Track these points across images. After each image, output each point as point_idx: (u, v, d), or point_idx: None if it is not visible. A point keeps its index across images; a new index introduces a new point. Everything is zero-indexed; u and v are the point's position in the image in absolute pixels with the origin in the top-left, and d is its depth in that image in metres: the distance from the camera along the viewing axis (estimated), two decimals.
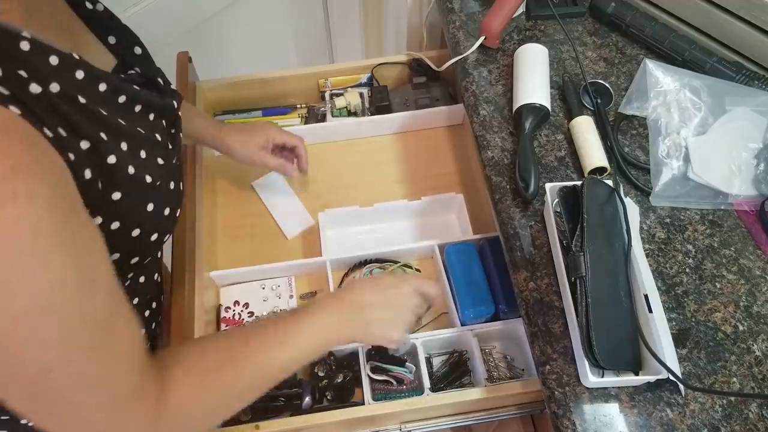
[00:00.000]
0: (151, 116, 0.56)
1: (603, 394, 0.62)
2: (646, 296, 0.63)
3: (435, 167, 1.02)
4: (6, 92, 0.36)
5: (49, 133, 0.39)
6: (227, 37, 1.35)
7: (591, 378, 0.59)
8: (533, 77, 0.82)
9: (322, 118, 1.06)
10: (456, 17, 0.96)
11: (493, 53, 0.91)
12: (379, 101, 1.04)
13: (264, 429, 0.72)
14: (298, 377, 0.82)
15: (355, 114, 1.06)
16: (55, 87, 0.41)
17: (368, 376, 0.78)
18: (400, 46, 1.37)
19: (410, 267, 0.92)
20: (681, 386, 0.62)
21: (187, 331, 0.77)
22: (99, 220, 0.46)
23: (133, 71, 0.57)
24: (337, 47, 1.60)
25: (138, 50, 0.59)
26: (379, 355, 0.79)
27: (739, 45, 0.82)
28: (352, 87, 1.08)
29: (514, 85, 0.84)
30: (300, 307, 0.62)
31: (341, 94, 1.06)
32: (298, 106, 1.09)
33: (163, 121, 0.58)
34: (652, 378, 0.61)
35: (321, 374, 0.81)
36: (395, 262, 0.92)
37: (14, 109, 0.36)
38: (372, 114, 1.05)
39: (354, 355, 0.82)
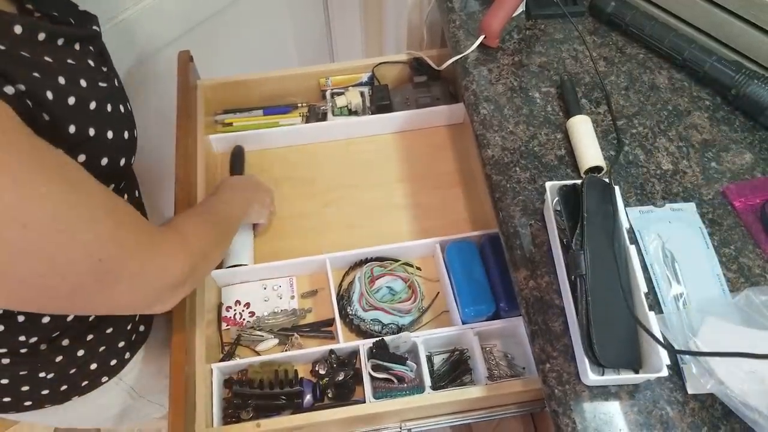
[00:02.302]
0: (77, 46, 0.56)
1: (603, 392, 0.62)
2: (646, 294, 0.63)
3: (435, 166, 1.02)
4: None
5: None
6: (228, 36, 1.35)
7: (591, 376, 0.60)
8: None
9: (323, 117, 1.06)
10: (456, 16, 0.97)
11: (493, 52, 0.91)
12: (380, 100, 1.05)
13: (265, 427, 0.72)
14: (300, 376, 0.82)
15: (355, 113, 1.06)
16: None
17: (369, 374, 0.78)
18: (400, 45, 1.37)
19: (411, 265, 0.92)
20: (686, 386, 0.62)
21: (188, 330, 0.78)
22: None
23: (38, 15, 0.56)
24: (337, 46, 1.60)
25: None
26: (380, 353, 0.79)
27: (738, 44, 0.83)
28: (352, 86, 1.08)
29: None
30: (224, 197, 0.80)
31: (342, 93, 1.06)
32: (299, 105, 1.09)
33: (91, 47, 0.59)
34: (652, 376, 0.61)
35: (322, 372, 0.82)
36: (396, 261, 0.92)
37: None
38: (373, 113, 1.05)
39: (355, 353, 0.82)
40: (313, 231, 0.96)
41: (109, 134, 0.53)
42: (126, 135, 0.57)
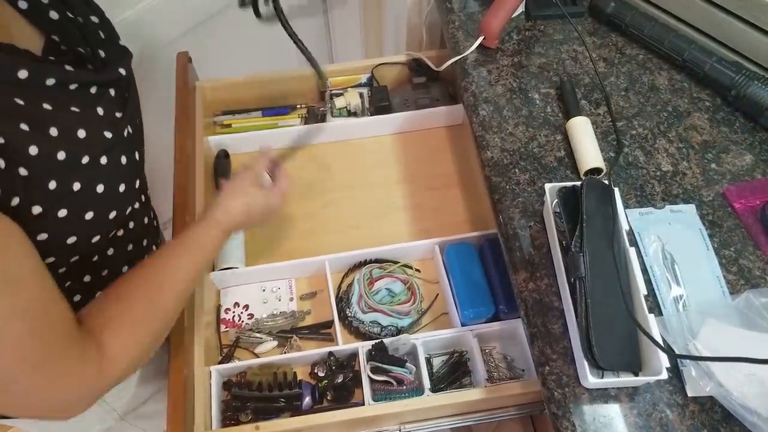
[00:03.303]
0: (93, 89, 0.53)
1: (602, 395, 0.62)
2: (645, 296, 0.63)
3: (435, 167, 1.02)
4: None
5: None
6: (227, 37, 1.34)
7: (591, 379, 0.59)
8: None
9: (322, 118, 1.06)
10: (455, 17, 0.96)
11: (493, 53, 0.91)
12: (379, 101, 1.04)
13: (264, 429, 0.72)
14: (299, 378, 0.82)
15: (355, 114, 1.06)
16: None
17: (368, 376, 0.78)
18: (399, 46, 1.37)
19: (410, 267, 0.92)
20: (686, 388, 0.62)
21: (187, 333, 0.77)
22: (38, 209, 0.45)
23: (64, 48, 0.53)
24: (336, 47, 1.60)
25: (54, 15, 0.54)
26: (379, 355, 0.79)
27: (738, 45, 0.82)
28: (352, 87, 1.08)
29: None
30: (189, 234, 0.65)
31: (341, 94, 1.06)
32: (298, 106, 1.09)
33: (111, 90, 0.56)
34: (651, 379, 0.61)
35: (321, 375, 0.82)
36: (395, 262, 0.92)
37: None
38: (372, 114, 1.05)
39: (354, 355, 0.82)
40: (312, 232, 0.96)
41: (99, 188, 0.50)
42: (122, 187, 0.53)
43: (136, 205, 0.59)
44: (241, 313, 0.88)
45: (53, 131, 0.46)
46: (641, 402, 0.62)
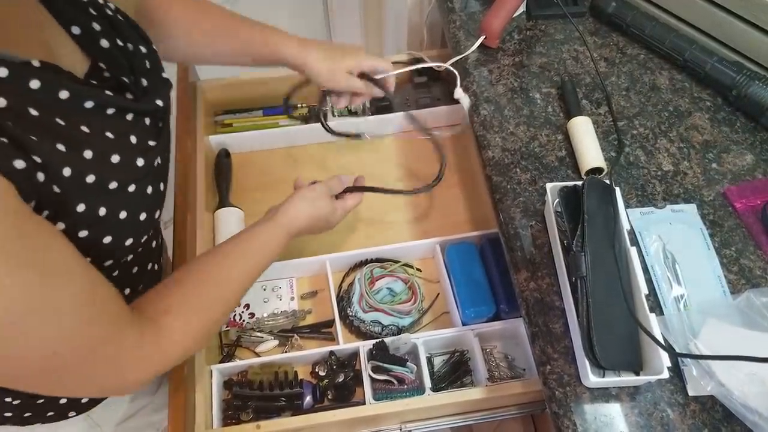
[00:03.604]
0: (129, 116, 0.54)
1: (604, 394, 0.62)
2: (646, 296, 0.63)
3: (435, 166, 1.02)
4: None
5: None
6: None
7: (592, 378, 0.59)
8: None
9: (324, 118, 1.06)
10: (456, 17, 0.96)
11: (494, 53, 0.91)
12: (380, 101, 1.04)
13: (265, 429, 0.72)
14: (299, 377, 0.82)
15: (355, 114, 1.06)
16: (1, 102, 0.41)
17: (369, 375, 0.78)
18: (400, 45, 1.37)
19: (411, 266, 0.92)
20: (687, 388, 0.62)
21: None
22: (62, 226, 0.46)
23: (108, 75, 0.54)
24: None
25: (105, 43, 0.54)
26: (380, 354, 0.79)
27: (739, 45, 0.82)
28: None
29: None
30: (253, 233, 0.69)
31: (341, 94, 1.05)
32: (299, 105, 1.09)
33: (147, 119, 0.56)
34: (652, 378, 0.61)
35: (322, 374, 0.82)
36: (396, 262, 0.92)
37: None
38: (373, 113, 1.05)
39: (355, 354, 0.82)
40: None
41: (122, 215, 0.51)
42: (143, 216, 0.54)
43: (150, 233, 0.60)
44: (242, 312, 0.88)
45: (88, 154, 0.47)
46: (642, 401, 0.62)
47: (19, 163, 0.40)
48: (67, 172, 0.44)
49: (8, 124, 0.40)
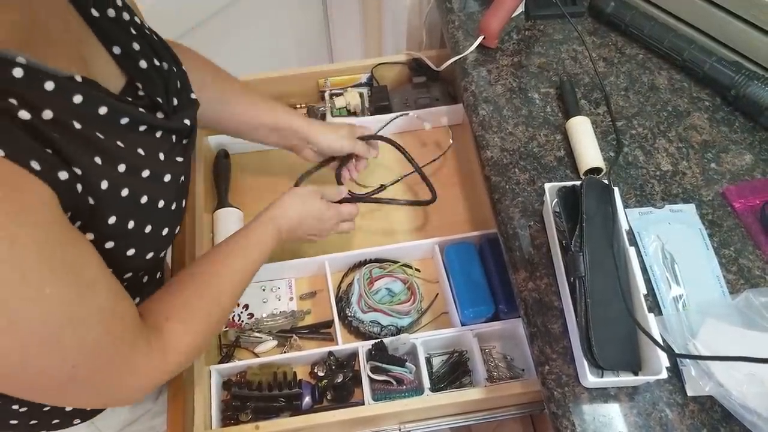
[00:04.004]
0: (158, 134, 0.56)
1: (602, 395, 0.62)
2: (645, 296, 0.63)
3: (434, 166, 1.02)
4: None
5: (37, 166, 0.39)
6: (227, 36, 1.35)
7: (590, 378, 0.59)
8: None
9: (322, 118, 1.06)
10: (455, 17, 0.96)
11: (493, 53, 0.91)
12: (379, 101, 1.04)
13: (264, 429, 0.72)
14: (298, 377, 0.82)
15: (354, 114, 1.06)
16: (47, 114, 0.41)
17: (368, 376, 0.78)
18: (399, 45, 1.37)
19: (410, 267, 0.92)
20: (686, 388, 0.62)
21: None
22: (90, 236, 0.47)
23: (142, 93, 0.56)
24: (336, 47, 1.60)
25: (143, 64, 0.57)
26: (379, 355, 0.79)
27: (738, 45, 0.82)
28: (351, 87, 1.08)
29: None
30: (244, 231, 0.71)
31: (341, 94, 1.06)
32: (298, 106, 1.09)
33: (173, 137, 0.58)
34: (651, 378, 0.61)
35: (321, 374, 0.82)
36: (395, 262, 0.92)
37: None
38: (372, 114, 1.05)
39: (354, 355, 0.82)
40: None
41: (147, 228, 0.52)
42: (165, 231, 0.55)
43: (163, 254, 0.61)
44: (241, 312, 0.88)
45: (121, 168, 0.48)
46: (641, 401, 0.62)
47: (63, 174, 0.41)
48: (104, 185, 0.46)
49: (55, 135, 0.41)
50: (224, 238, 0.89)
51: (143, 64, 0.57)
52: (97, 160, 0.45)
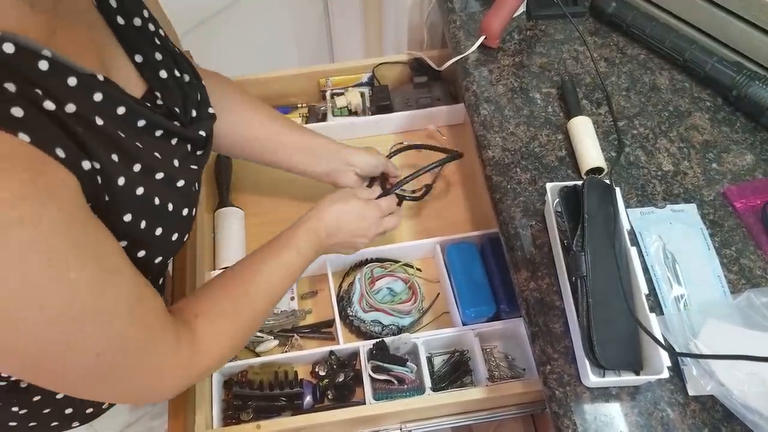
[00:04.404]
0: (174, 141, 0.56)
1: (604, 394, 0.62)
2: (647, 295, 0.63)
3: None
4: (19, 114, 0.37)
5: (62, 154, 0.39)
6: (227, 37, 1.35)
7: (592, 378, 0.59)
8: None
9: (323, 118, 1.06)
10: (456, 17, 0.96)
11: (494, 53, 0.91)
12: (380, 101, 1.04)
13: (265, 429, 0.72)
14: (300, 377, 0.82)
15: (355, 113, 1.06)
16: (70, 107, 0.42)
17: (369, 375, 0.78)
18: (400, 45, 1.37)
19: (411, 266, 0.92)
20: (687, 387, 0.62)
21: None
22: None
23: (160, 102, 0.56)
24: (337, 47, 1.60)
25: (164, 74, 0.57)
26: (380, 354, 0.79)
27: (739, 45, 0.82)
28: (352, 86, 1.08)
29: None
30: (280, 237, 0.69)
31: (342, 94, 1.06)
32: (299, 105, 1.09)
33: (189, 146, 0.59)
34: (653, 378, 0.61)
35: (322, 374, 0.82)
36: (396, 261, 0.92)
37: (24, 137, 0.36)
38: (373, 113, 1.05)
39: (355, 354, 0.82)
40: None
41: (158, 231, 0.52)
42: (174, 237, 0.55)
43: (170, 260, 0.62)
44: None
45: (137, 167, 0.49)
46: (642, 401, 0.62)
47: (86, 165, 0.42)
48: (121, 181, 0.46)
49: (78, 128, 0.41)
50: (225, 237, 0.90)
51: (163, 74, 0.57)
52: (115, 157, 0.46)
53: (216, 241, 0.91)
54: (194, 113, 0.60)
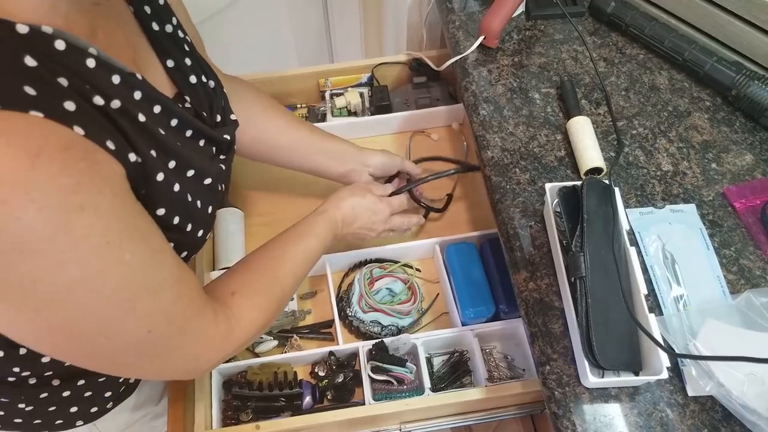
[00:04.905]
0: (201, 142, 0.58)
1: (603, 395, 0.62)
2: (646, 296, 0.63)
3: (435, 167, 1.02)
4: (72, 108, 0.38)
5: (111, 146, 0.41)
6: (227, 37, 1.34)
7: (591, 378, 0.59)
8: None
9: (323, 118, 1.06)
10: (455, 17, 0.96)
11: (493, 53, 0.91)
12: (379, 101, 1.04)
13: (265, 429, 0.72)
14: (299, 377, 0.82)
15: (355, 114, 1.06)
16: (116, 103, 0.43)
17: (369, 376, 0.78)
18: (400, 45, 1.37)
19: (410, 267, 0.92)
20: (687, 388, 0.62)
21: None
22: None
23: (189, 105, 0.58)
24: (337, 47, 1.60)
25: (194, 79, 0.59)
26: (379, 355, 0.79)
27: (739, 45, 0.82)
28: (352, 87, 1.08)
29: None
30: (301, 222, 0.74)
31: (341, 94, 1.06)
32: (299, 105, 1.09)
33: (213, 148, 0.61)
34: (652, 378, 0.61)
35: (321, 374, 0.82)
36: (395, 262, 0.92)
37: (78, 130, 0.38)
38: (372, 114, 1.05)
39: (354, 355, 0.82)
40: None
41: (189, 226, 0.54)
42: (200, 233, 0.57)
43: (192, 256, 0.64)
44: None
45: (172, 164, 0.51)
46: (642, 401, 0.62)
47: (132, 157, 0.44)
48: (160, 177, 0.48)
49: (123, 123, 0.43)
50: (224, 237, 0.90)
51: (193, 79, 0.60)
52: (154, 153, 0.47)
53: (215, 242, 0.91)
54: (219, 118, 0.62)
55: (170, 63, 0.57)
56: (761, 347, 0.62)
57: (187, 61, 0.59)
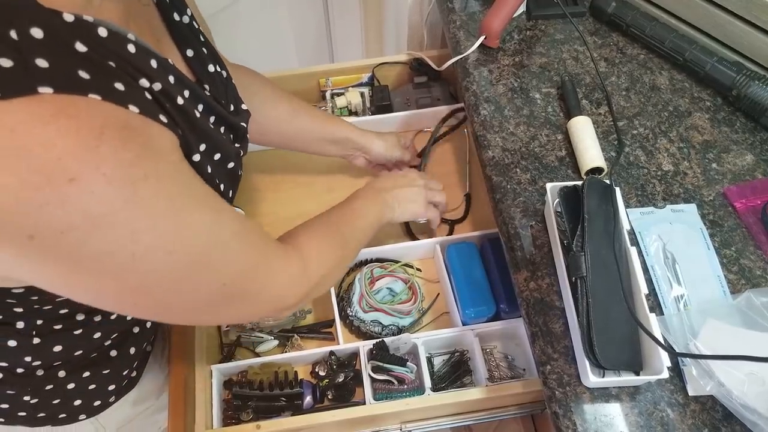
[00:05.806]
0: (222, 129, 0.60)
1: (604, 394, 0.62)
2: (646, 295, 0.63)
3: (435, 167, 1.02)
4: (122, 89, 0.40)
5: (164, 119, 0.43)
6: (227, 36, 1.34)
7: (592, 378, 0.59)
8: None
9: None
10: (456, 17, 0.96)
11: (494, 53, 0.91)
12: (380, 101, 1.04)
13: (265, 429, 0.72)
14: (299, 377, 0.82)
15: (355, 113, 1.06)
16: (157, 85, 0.45)
17: (369, 375, 0.78)
18: (400, 45, 1.37)
19: (411, 266, 0.92)
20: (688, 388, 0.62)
21: (188, 332, 0.77)
22: None
23: (208, 94, 0.59)
24: (337, 47, 1.60)
25: (212, 68, 0.61)
26: (380, 354, 0.79)
27: (739, 45, 0.82)
28: (352, 86, 1.08)
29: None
30: (348, 198, 0.79)
31: (342, 94, 1.06)
32: None
33: (231, 135, 0.63)
34: (653, 378, 0.61)
35: (322, 374, 0.82)
36: (396, 262, 0.92)
37: (133, 108, 0.40)
38: (373, 113, 1.05)
39: (355, 354, 0.82)
40: None
41: None
42: None
43: None
44: None
45: (202, 147, 0.52)
46: (642, 401, 0.62)
47: (178, 131, 0.46)
48: (196, 158, 0.50)
49: (166, 104, 0.45)
50: None
51: (211, 68, 0.61)
52: (190, 135, 0.49)
53: None
54: (232, 107, 0.64)
55: (189, 52, 0.59)
56: (762, 347, 0.62)
57: (204, 50, 0.61)
